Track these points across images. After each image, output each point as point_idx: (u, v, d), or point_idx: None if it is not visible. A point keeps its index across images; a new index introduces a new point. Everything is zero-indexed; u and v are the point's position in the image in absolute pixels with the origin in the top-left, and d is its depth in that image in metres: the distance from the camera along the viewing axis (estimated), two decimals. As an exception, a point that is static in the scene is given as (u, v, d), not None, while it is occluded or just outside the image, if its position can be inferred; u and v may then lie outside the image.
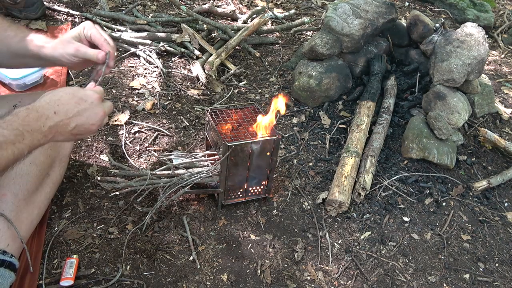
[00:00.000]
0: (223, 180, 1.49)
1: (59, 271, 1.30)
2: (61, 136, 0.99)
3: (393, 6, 2.18)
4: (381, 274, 1.48)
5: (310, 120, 2.06)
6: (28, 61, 1.22)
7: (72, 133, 1.01)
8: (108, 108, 1.07)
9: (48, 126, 0.96)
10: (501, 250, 1.65)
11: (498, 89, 2.59)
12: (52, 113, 0.97)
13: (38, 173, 1.20)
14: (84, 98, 1.02)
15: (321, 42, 2.07)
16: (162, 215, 1.53)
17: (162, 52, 2.37)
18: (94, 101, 1.03)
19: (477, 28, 1.98)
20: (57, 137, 0.99)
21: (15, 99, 1.24)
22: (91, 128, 1.03)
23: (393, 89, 2.10)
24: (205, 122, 1.93)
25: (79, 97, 1.01)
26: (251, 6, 3.12)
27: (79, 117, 1.00)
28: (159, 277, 1.34)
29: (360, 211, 1.67)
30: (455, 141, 1.97)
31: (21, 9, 2.40)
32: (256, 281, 1.38)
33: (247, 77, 2.35)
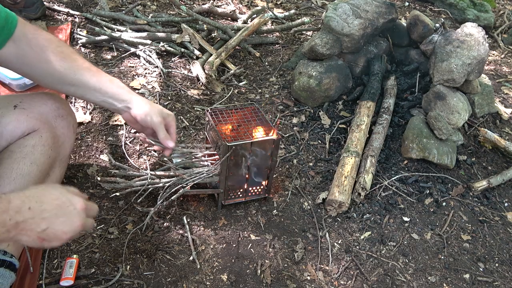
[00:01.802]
0: (223, 180, 1.49)
1: (59, 271, 1.30)
2: (26, 236, 0.87)
3: (393, 6, 2.18)
4: (381, 274, 1.48)
5: (310, 120, 2.06)
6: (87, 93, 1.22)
7: (40, 236, 0.88)
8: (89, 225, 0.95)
9: (16, 221, 0.84)
10: (501, 250, 1.65)
11: (498, 89, 2.59)
12: (26, 208, 0.86)
13: (38, 173, 1.20)
14: (68, 202, 0.92)
15: (321, 42, 2.07)
16: (162, 215, 1.53)
17: (162, 52, 2.38)
18: (77, 209, 0.92)
19: (477, 28, 1.98)
20: (21, 237, 0.86)
21: (16, 99, 1.24)
22: (61, 236, 0.90)
23: (393, 89, 2.10)
24: (205, 122, 1.93)
25: (63, 200, 0.91)
26: (251, 6, 3.12)
27: (54, 219, 0.89)
28: (159, 277, 1.34)
29: (360, 211, 1.67)
30: (455, 141, 1.97)
31: (21, 9, 2.41)
32: (256, 281, 1.38)
33: (247, 77, 2.35)
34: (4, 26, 1.08)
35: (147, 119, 1.24)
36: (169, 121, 1.31)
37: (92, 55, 2.30)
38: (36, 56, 1.14)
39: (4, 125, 1.18)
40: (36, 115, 1.22)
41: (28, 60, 1.14)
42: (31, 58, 1.14)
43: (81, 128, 1.83)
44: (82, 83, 1.19)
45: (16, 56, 1.12)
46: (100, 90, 1.20)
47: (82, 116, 1.87)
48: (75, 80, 1.18)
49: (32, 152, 1.18)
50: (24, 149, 1.18)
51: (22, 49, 1.12)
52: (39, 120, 1.22)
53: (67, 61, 1.17)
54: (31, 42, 1.13)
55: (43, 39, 1.16)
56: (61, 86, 1.22)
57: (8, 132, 1.19)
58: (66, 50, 1.19)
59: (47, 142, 1.22)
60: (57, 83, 1.20)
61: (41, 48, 1.14)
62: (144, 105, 1.24)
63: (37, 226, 0.87)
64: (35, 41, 1.14)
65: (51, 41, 1.17)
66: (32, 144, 1.19)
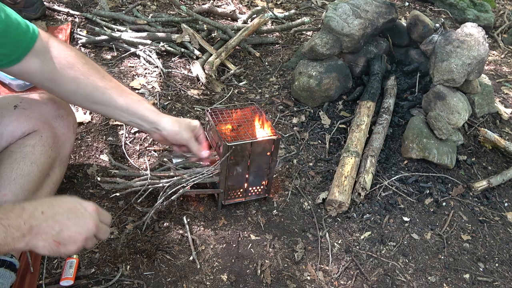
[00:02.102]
0: (223, 180, 1.49)
1: (59, 271, 1.30)
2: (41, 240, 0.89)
3: (393, 6, 2.18)
4: (381, 274, 1.48)
5: (310, 120, 2.06)
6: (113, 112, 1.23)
7: (55, 239, 0.90)
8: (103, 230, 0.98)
9: (30, 225, 0.86)
10: (501, 250, 1.65)
11: (498, 89, 2.59)
12: (39, 212, 0.89)
13: (39, 173, 1.20)
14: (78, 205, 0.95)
15: (321, 42, 2.07)
16: (162, 215, 1.53)
17: (162, 52, 2.38)
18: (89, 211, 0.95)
19: (477, 28, 1.98)
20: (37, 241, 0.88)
21: (16, 100, 1.24)
22: (76, 237, 0.92)
23: (393, 89, 2.10)
24: (205, 122, 1.93)
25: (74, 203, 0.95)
26: (251, 6, 3.12)
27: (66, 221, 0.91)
28: (159, 277, 1.34)
29: (360, 211, 1.67)
30: (455, 141, 1.97)
31: (21, 9, 2.41)
32: (256, 281, 1.39)
33: (247, 77, 2.35)
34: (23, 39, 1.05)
35: (178, 138, 1.27)
36: (197, 132, 1.34)
37: (92, 55, 2.30)
38: (62, 73, 1.12)
39: (5, 126, 1.18)
40: (36, 115, 1.22)
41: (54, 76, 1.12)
42: (57, 75, 1.12)
43: (81, 128, 1.83)
44: (110, 103, 1.18)
45: (41, 71, 1.10)
46: (128, 111, 1.20)
47: (82, 116, 1.87)
48: (103, 100, 1.18)
49: (32, 152, 1.19)
50: (24, 149, 1.18)
51: (46, 64, 1.10)
52: (39, 120, 1.22)
53: (94, 79, 1.15)
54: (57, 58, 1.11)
55: (70, 56, 1.13)
56: (87, 104, 1.21)
57: (8, 133, 1.19)
58: (92, 67, 1.17)
59: (47, 142, 1.22)
60: (84, 101, 1.19)
61: (68, 65, 1.12)
62: (172, 125, 1.25)
63: (51, 229, 0.89)
64: (62, 58, 1.12)
65: (78, 57, 1.15)
66: (32, 144, 1.19)
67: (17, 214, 0.86)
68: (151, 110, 1.24)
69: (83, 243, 0.93)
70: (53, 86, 1.15)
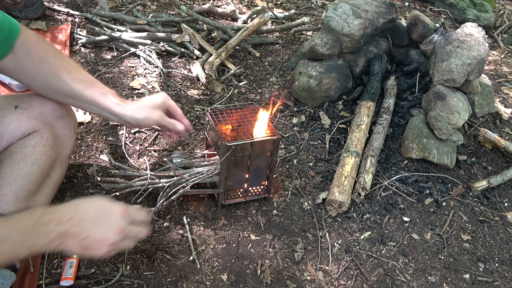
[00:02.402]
0: (223, 180, 1.49)
1: (59, 271, 1.30)
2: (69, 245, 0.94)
3: (393, 6, 2.18)
4: (381, 274, 1.48)
5: (310, 120, 2.06)
6: (83, 105, 1.25)
7: (82, 245, 0.95)
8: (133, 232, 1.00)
9: (58, 232, 0.92)
10: (501, 250, 1.65)
11: (498, 89, 2.59)
12: (67, 219, 0.94)
13: (39, 173, 1.20)
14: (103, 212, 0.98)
15: (321, 42, 2.07)
16: (162, 215, 1.53)
17: (162, 52, 2.38)
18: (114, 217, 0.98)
19: (477, 28, 1.98)
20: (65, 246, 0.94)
21: (16, 100, 1.24)
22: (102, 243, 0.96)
23: (393, 89, 2.10)
24: (205, 122, 1.93)
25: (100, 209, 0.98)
26: (251, 6, 3.12)
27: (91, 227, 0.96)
28: (159, 277, 1.35)
29: (360, 211, 1.67)
30: (455, 141, 1.97)
31: (21, 9, 2.41)
32: (256, 281, 1.39)
33: (247, 77, 2.35)
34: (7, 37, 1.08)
35: (147, 122, 1.26)
36: (166, 105, 1.31)
37: (92, 55, 2.31)
38: (34, 68, 1.15)
39: (5, 126, 1.18)
40: (36, 115, 1.22)
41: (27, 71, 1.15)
42: (30, 69, 1.15)
43: (81, 128, 1.83)
44: (78, 97, 1.20)
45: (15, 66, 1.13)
46: (94, 103, 1.22)
47: (82, 116, 1.87)
48: (71, 93, 1.20)
49: (32, 152, 1.19)
50: (25, 149, 1.18)
51: (21, 59, 1.13)
52: (40, 120, 1.22)
53: (62, 73, 1.18)
54: (31, 53, 1.14)
55: (42, 51, 1.16)
56: (59, 97, 1.24)
57: (9, 133, 1.19)
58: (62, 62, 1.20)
59: (48, 142, 1.22)
60: (55, 94, 1.22)
61: (40, 60, 1.15)
62: (138, 113, 1.25)
63: (78, 236, 0.94)
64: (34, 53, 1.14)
65: (49, 53, 1.18)
66: (32, 144, 1.19)
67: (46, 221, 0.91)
68: (115, 103, 1.23)
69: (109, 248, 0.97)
70: (27, 80, 1.19)
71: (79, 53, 2.31)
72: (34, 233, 0.89)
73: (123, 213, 0.99)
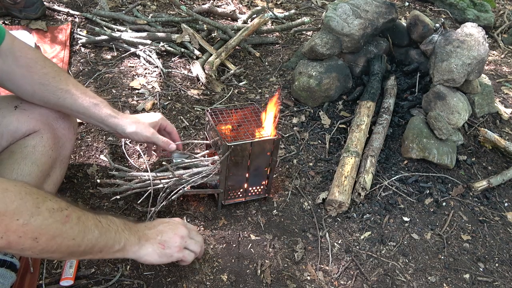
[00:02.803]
0: (223, 180, 1.49)
1: (59, 271, 1.30)
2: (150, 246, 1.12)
3: (393, 6, 2.18)
4: (381, 274, 1.48)
5: (310, 120, 2.06)
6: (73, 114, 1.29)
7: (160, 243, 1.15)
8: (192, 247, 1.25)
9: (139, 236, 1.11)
10: (501, 250, 1.65)
11: (498, 89, 2.59)
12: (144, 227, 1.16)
13: (39, 173, 1.20)
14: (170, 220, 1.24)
15: (321, 42, 2.07)
16: (162, 215, 1.53)
17: (162, 52, 2.38)
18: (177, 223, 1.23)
19: (477, 28, 1.98)
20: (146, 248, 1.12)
21: (16, 100, 1.24)
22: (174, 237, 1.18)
23: (393, 89, 2.10)
24: (205, 122, 1.93)
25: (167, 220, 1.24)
26: (251, 6, 3.12)
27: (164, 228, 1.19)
28: (159, 277, 1.35)
29: (360, 211, 1.67)
30: (455, 141, 1.97)
31: (21, 9, 2.41)
32: (256, 281, 1.39)
33: (247, 77, 2.35)
34: None
35: (139, 137, 1.31)
36: (161, 124, 1.38)
37: (92, 55, 2.31)
38: (21, 76, 1.15)
39: (5, 126, 1.19)
40: (36, 116, 1.22)
41: (14, 78, 1.16)
42: (16, 77, 1.15)
43: (81, 128, 1.83)
44: (67, 107, 1.22)
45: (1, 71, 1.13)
46: (85, 113, 1.24)
47: (82, 116, 1.87)
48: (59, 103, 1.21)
49: (32, 152, 1.19)
50: (25, 149, 1.18)
51: (8, 65, 1.13)
52: (40, 121, 1.22)
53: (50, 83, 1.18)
54: (18, 60, 1.14)
55: (29, 59, 1.16)
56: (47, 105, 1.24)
57: (9, 133, 1.19)
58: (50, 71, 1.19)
59: (48, 142, 1.22)
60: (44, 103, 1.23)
61: (27, 68, 1.15)
62: (130, 127, 1.28)
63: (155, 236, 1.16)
64: (22, 60, 1.14)
65: (37, 61, 1.17)
66: (32, 144, 1.19)
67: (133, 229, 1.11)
68: (107, 114, 1.26)
69: (181, 241, 1.18)
70: (14, 88, 1.19)
71: (79, 53, 2.31)
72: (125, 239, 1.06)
73: (183, 223, 1.24)
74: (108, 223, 1.02)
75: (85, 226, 0.95)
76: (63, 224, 0.89)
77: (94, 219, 0.98)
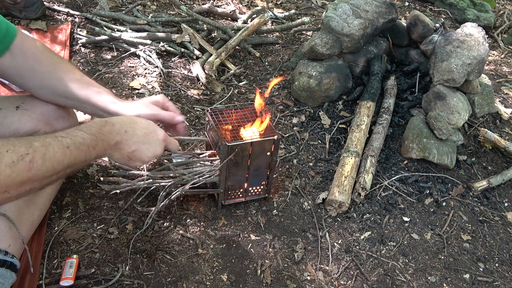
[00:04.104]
0: (223, 180, 1.49)
1: (59, 271, 1.30)
2: (118, 154, 1.12)
3: (393, 6, 2.18)
4: (381, 274, 1.48)
5: (310, 120, 2.06)
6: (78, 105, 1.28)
7: (128, 156, 1.13)
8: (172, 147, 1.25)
9: (116, 141, 1.09)
10: (501, 250, 1.65)
11: (498, 89, 2.59)
12: (124, 131, 1.10)
13: (39, 173, 1.20)
14: (153, 132, 1.17)
15: (321, 42, 2.07)
16: (162, 215, 1.53)
17: (162, 52, 2.38)
18: (159, 139, 1.17)
19: (477, 28, 1.98)
20: (115, 154, 1.12)
21: (18, 100, 1.24)
22: (144, 158, 1.16)
23: (393, 89, 2.10)
24: (205, 122, 1.93)
25: (150, 130, 1.16)
26: (251, 6, 3.12)
27: (141, 144, 1.13)
28: (159, 277, 1.35)
29: (360, 211, 1.67)
30: (455, 141, 1.97)
31: (21, 9, 2.41)
32: (256, 281, 1.39)
33: (247, 77, 2.35)
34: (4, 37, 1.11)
35: None
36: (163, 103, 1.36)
37: (92, 55, 2.31)
38: (30, 68, 1.17)
39: (7, 126, 1.19)
40: (38, 116, 1.22)
41: (23, 72, 1.18)
42: (25, 70, 1.17)
43: (81, 128, 1.83)
44: (72, 96, 1.22)
45: (11, 67, 1.15)
46: (88, 102, 1.24)
47: (82, 116, 1.87)
48: (66, 93, 1.22)
49: (33, 152, 1.19)
50: (25, 149, 1.18)
51: (17, 60, 1.15)
52: (41, 121, 1.22)
53: (59, 73, 1.21)
54: (27, 54, 1.16)
55: (38, 52, 1.19)
56: (54, 98, 1.25)
57: (10, 133, 1.19)
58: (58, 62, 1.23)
59: (48, 142, 1.22)
60: (51, 95, 1.24)
61: (35, 60, 1.17)
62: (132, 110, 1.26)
63: (128, 147, 1.12)
64: (30, 54, 1.17)
65: (46, 54, 1.20)
66: (33, 144, 1.19)
67: (108, 130, 1.07)
68: (110, 101, 1.26)
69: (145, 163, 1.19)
70: (23, 82, 1.21)
71: (79, 53, 2.31)
72: (100, 140, 1.03)
73: (165, 139, 1.19)
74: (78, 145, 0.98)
75: (52, 161, 0.93)
76: (29, 171, 0.88)
77: (62, 148, 0.95)
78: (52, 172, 0.94)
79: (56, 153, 0.94)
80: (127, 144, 1.11)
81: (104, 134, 1.06)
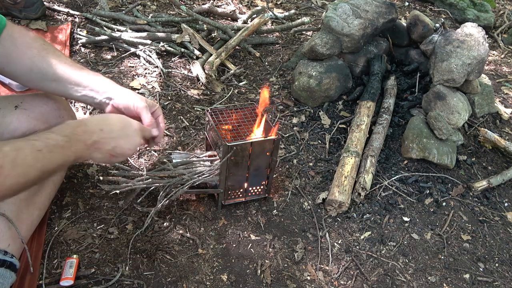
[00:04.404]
0: (223, 180, 1.49)
1: (59, 271, 1.30)
2: (99, 153, 1.09)
3: (393, 6, 2.18)
4: (381, 274, 1.48)
5: (310, 120, 2.06)
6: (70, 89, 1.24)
7: (110, 153, 1.11)
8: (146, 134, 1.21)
9: (93, 140, 1.06)
10: (501, 250, 1.65)
11: (498, 89, 2.59)
12: (99, 130, 1.08)
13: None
14: (128, 125, 1.15)
15: (321, 42, 2.07)
16: (162, 215, 1.53)
17: (162, 52, 2.38)
18: (136, 130, 1.16)
19: (477, 28, 1.98)
20: (96, 154, 1.09)
21: (16, 100, 1.24)
22: (126, 152, 1.14)
23: (393, 89, 2.10)
24: (205, 122, 1.93)
25: (124, 123, 1.15)
26: (251, 6, 3.12)
27: (119, 139, 1.12)
28: (159, 277, 1.35)
29: (360, 211, 1.67)
30: (455, 141, 1.97)
31: (21, 9, 2.41)
32: (256, 281, 1.39)
33: (247, 77, 2.35)
34: None
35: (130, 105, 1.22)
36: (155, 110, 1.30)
37: (92, 55, 2.31)
38: (20, 53, 1.16)
39: (5, 126, 1.19)
40: (37, 115, 1.22)
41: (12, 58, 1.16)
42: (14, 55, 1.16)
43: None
44: (63, 78, 1.20)
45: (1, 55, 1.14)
46: (80, 83, 1.21)
47: (82, 116, 1.87)
48: (56, 75, 1.19)
49: (32, 152, 1.18)
50: (25, 149, 1.18)
51: (7, 48, 1.14)
52: (40, 120, 1.22)
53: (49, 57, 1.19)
54: (17, 40, 1.16)
55: (29, 38, 1.18)
56: (43, 83, 1.22)
57: (9, 133, 1.19)
58: (50, 48, 1.21)
59: (48, 142, 1.22)
60: (40, 79, 1.20)
61: (25, 45, 1.17)
62: (125, 93, 1.23)
63: (108, 145, 1.10)
64: (20, 40, 1.16)
65: (36, 39, 1.20)
66: (32, 144, 1.19)
67: (82, 130, 1.05)
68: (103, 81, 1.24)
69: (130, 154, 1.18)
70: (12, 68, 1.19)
71: (79, 53, 2.31)
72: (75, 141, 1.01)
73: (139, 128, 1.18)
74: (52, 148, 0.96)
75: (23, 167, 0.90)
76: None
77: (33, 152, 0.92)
78: (24, 178, 0.91)
79: (27, 156, 0.90)
80: (106, 143, 1.09)
81: (79, 135, 1.03)
